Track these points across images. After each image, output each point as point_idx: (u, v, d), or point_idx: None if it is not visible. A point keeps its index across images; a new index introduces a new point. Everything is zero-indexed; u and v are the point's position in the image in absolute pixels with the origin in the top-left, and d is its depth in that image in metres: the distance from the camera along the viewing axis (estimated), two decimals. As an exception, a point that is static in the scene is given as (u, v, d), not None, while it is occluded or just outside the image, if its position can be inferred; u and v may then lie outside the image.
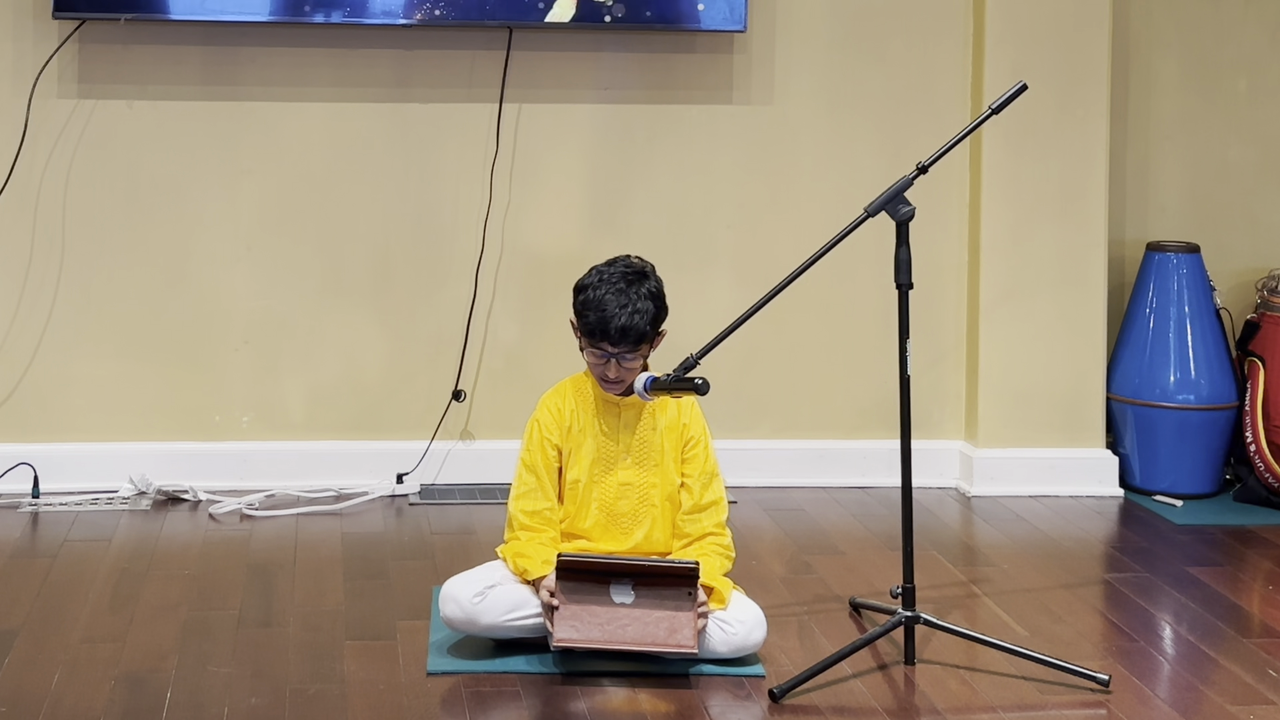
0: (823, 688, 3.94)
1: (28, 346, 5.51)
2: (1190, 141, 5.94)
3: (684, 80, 5.66)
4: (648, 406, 4.21)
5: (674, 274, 5.31)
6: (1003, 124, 5.05)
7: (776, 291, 4.09)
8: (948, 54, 5.71)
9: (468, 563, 4.35)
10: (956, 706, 3.87)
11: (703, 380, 3.91)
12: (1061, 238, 5.66)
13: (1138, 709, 3.87)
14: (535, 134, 5.60)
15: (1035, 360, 5.69)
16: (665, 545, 4.23)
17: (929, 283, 5.62)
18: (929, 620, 4.07)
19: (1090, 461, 5.69)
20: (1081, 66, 5.63)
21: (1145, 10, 5.89)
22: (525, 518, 4.20)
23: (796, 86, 5.69)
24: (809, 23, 5.67)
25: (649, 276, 4.18)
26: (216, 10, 5.30)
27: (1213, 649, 4.28)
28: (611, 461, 4.22)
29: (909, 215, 4.04)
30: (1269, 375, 5.64)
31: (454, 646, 4.15)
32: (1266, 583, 4.86)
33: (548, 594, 4.02)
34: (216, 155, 5.51)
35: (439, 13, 5.39)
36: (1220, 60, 5.93)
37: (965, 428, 5.80)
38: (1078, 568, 4.94)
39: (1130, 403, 5.70)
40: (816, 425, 5.77)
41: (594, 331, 4.11)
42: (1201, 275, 5.71)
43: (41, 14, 5.37)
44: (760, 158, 5.69)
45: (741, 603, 4.13)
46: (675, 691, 3.94)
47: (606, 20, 5.44)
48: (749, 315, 4.11)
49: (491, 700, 3.88)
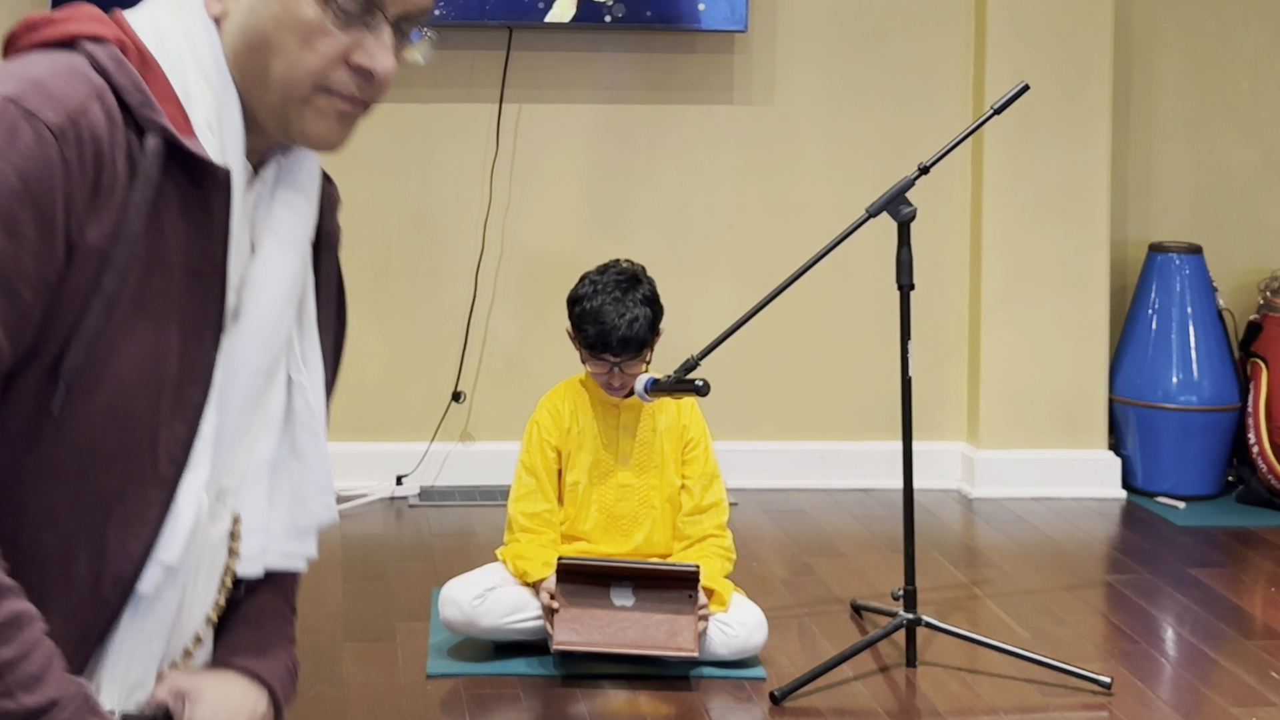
0: (824, 690, 3.93)
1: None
2: (1193, 142, 5.93)
3: (684, 80, 5.65)
4: (647, 408, 4.20)
5: (674, 274, 5.31)
6: (1004, 124, 5.04)
7: (777, 292, 4.08)
8: (949, 54, 5.70)
9: (468, 565, 4.34)
10: (958, 709, 3.86)
11: (703, 382, 3.90)
12: (1064, 238, 5.65)
13: (1139, 711, 3.86)
14: (535, 134, 5.59)
15: (1037, 361, 5.68)
16: (666, 547, 4.22)
17: (930, 284, 5.61)
18: (930, 622, 4.06)
19: (1092, 463, 5.68)
20: (1084, 67, 5.62)
21: (1147, 10, 5.88)
22: (525, 520, 4.19)
23: (797, 86, 5.67)
24: (810, 22, 5.66)
25: (642, 281, 4.17)
26: (216, 10, 5.30)
27: (1215, 651, 4.26)
28: (611, 464, 4.21)
29: (910, 216, 4.03)
30: (1271, 376, 5.63)
31: (454, 649, 4.14)
32: (1269, 584, 4.84)
33: (548, 596, 4.01)
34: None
35: (439, 13, 5.38)
36: (1223, 60, 5.92)
37: (967, 429, 5.79)
38: (1080, 569, 4.93)
39: (1132, 404, 5.69)
40: (817, 427, 5.76)
41: (595, 344, 4.10)
42: (1204, 276, 5.70)
43: (40, 14, 5.36)
44: (761, 158, 5.68)
45: (742, 605, 4.12)
46: (676, 694, 3.93)
47: (607, 20, 5.43)
48: (750, 316, 4.10)
49: (491, 703, 3.87)
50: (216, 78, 1.72)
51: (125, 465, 1.69)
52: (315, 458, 1.85)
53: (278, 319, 1.79)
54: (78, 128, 1.63)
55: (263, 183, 1.78)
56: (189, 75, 1.72)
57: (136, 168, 1.66)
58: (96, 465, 1.68)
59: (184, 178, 1.69)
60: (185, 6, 1.75)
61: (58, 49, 1.70)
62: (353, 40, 1.71)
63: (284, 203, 1.80)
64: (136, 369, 1.68)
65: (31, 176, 1.60)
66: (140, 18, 1.76)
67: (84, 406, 1.66)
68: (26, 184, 1.60)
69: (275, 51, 1.70)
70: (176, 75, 1.72)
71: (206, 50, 1.72)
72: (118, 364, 1.67)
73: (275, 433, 1.82)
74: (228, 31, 1.73)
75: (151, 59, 1.72)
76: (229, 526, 1.79)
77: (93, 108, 1.64)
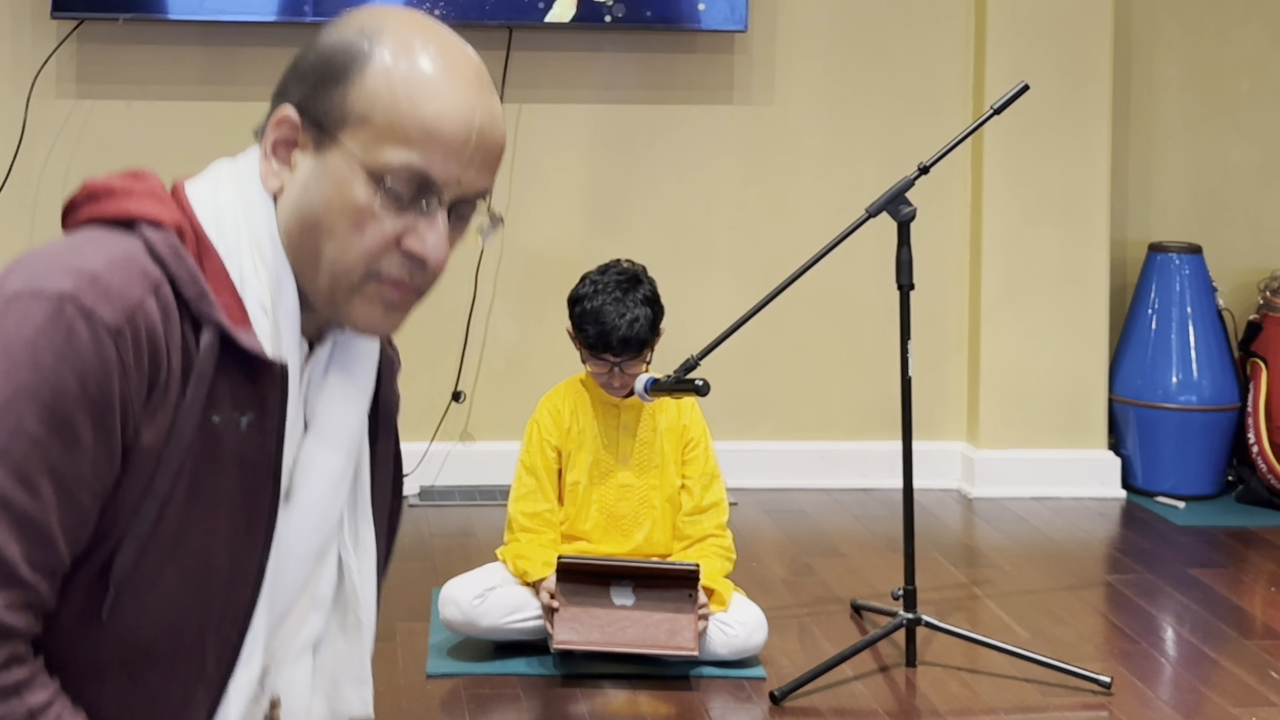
0: (824, 690, 3.93)
1: (26, 347, 5.50)
2: (1193, 142, 5.93)
3: (684, 80, 5.65)
4: (647, 408, 4.19)
5: (674, 274, 5.31)
6: (1004, 124, 5.03)
7: (777, 292, 4.08)
8: (949, 54, 5.70)
9: (467, 564, 4.34)
10: (958, 709, 3.86)
11: (703, 381, 3.89)
12: (1063, 238, 5.65)
13: (1139, 711, 3.86)
14: (535, 134, 5.59)
15: (1037, 361, 5.67)
16: (666, 547, 4.22)
17: (930, 283, 5.60)
18: (930, 622, 4.06)
19: (1092, 463, 5.68)
20: (1083, 66, 5.62)
21: (1147, 10, 5.88)
22: (525, 519, 4.19)
23: (797, 86, 5.67)
24: (810, 22, 5.66)
25: (642, 281, 4.17)
26: (215, 10, 5.29)
27: (1215, 651, 4.26)
28: (611, 464, 4.21)
29: (910, 216, 4.02)
30: (1271, 376, 5.63)
31: (454, 648, 4.14)
32: (1269, 584, 4.84)
33: (548, 596, 4.01)
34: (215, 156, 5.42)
35: (439, 13, 5.38)
36: (1222, 60, 5.92)
37: (967, 429, 5.79)
38: (1079, 569, 4.92)
39: (1132, 404, 5.69)
40: (817, 426, 5.76)
41: (595, 344, 4.10)
42: (1204, 276, 5.70)
43: (40, 14, 5.35)
44: (761, 158, 5.68)
45: (742, 604, 4.12)
46: (676, 693, 3.93)
47: (607, 20, 5.43)
48: (750, 316, 4.10)
49: (491, 702, 3.87)
50: (273, 258, 1.68)
51: (173, 667, 1.66)
52: (358, 642, 1.80)
53: (330, 501, 1.75)
54: (135, 326, 1.58)
55: (318, 359, 1.74)
56: (245, 257, 1.67)
57: (191, 362, 1.63)
58: (144, 666, 1.65)
59: (238, 371, 1.65)
60: (245, 180, 1.71)
61: (115, 227, 1.66)
62: (405, 224, 1.65)
63: (339, 380, 1.75)
64: (186, 571, 1.64)
65: (90, 380, 1.56)
66: (199, 190, 1.72)
67: (132, 609, 1.62)
68: (85, 388, 1.56)
69: (327, 234, 1.65)
70: (233, 258, 1.67)
71: (263, 230, 1.68)
72: (167, 567, 1.63)
73: (323, 613, 1.78)
74: (283, 208, 1.69)
75: (208, 243, 1.68)
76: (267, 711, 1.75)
77: (149, 303, 1.60)
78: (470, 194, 1.69)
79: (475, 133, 1.65)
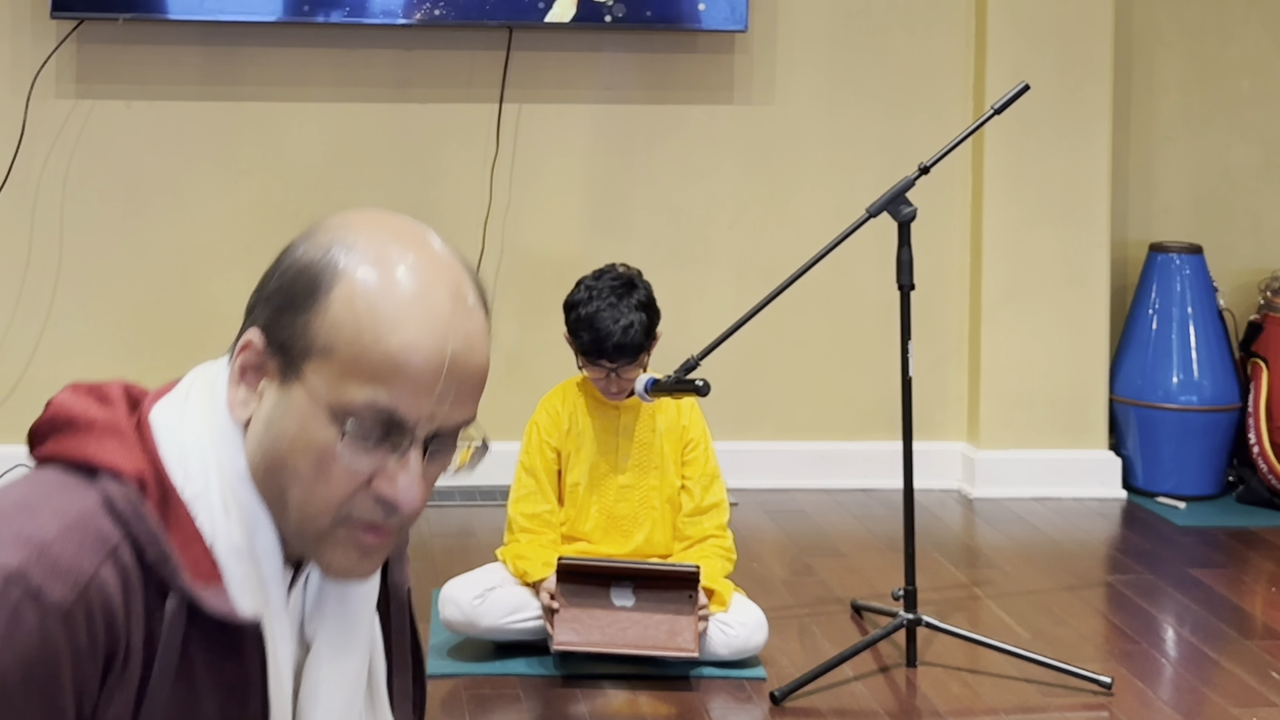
0: (824, 690, 3.93)
1: (26, 347, 5.50)
2: (1193, 142, 5.92)
3: (685, 80, 5.64)
4: (647, 408, 4.19)
5: (674, 274, 5.31)
6: (1005, 124, 5.03)
7: (778, 292, 4.08)
8: (949, 54, 5.70)
9: (467, 565, 4.33)
10: (958, 709, 3.86)
11: (703, 382, 3.89)
12: (1064, 238, 5.65)
13: (1140, 711, 3.86)
14: (535, 134, 5.59)
15: (1037, 361, 5.67)
16: (666, 548, 4.22)
17: (931, 284, 5.60)
18: (930, 622, 4.06)
19: (1092, 463, 5.68)
20: (1084, 66, 5.62)
21: (1148, 10, 5.88)
22: (525, 520, 4.18)
23: (797, 86, 5.67)
24: (810, 22, 5.66)
25: (637, 285, 4.16)
26: (215, 10, 5.29)
27: (1215, 651, 4.26)
28: (611, 464, 4.20)
29: (911, 216, 4.02)
30: (1272, 376, 5.62)
31: (454, 649, 4.14)
32: (1269, 585, 4.84)
33: (548, 597, 4.00)
34: (215, 156, 5.49)
35: (439, 13, 5.38)
36: (1223, 60, 5.91)
37: (967, 429, 5.78)
38: (1080, 570, 4.92)
39: (1133, 404, 5.68)
40: (818, 427, 5.75)
41: (590, 351, 4.09)
42: (1204, 276, 5.70)
43: (39, 13, 5.35)
44: (761, 158, 5.68)
45: (742, 605, 4.12)
46: (676, 694, 3.93)
47: (607, 20, 5.43)
48: (750, 316, 4.10)
49: (491, 703, 3.86)
50: (245, 496, 1.55)
51: None
52: None
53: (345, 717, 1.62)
54: (87, 604, 1.46)
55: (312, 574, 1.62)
56: (214, 499, 1.54)
57: (156, 629, 1.50)
58: None
59: (211, 634, 1.53)
60: (214, 408, 1.57)
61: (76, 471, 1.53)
62: (376, 464, 1.51)
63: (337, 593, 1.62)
64: None
65: (34, 668, 1.44)
66: (166, 421, 1.58)
67: None
68: (29, 677, 1.44)
69: (291, 476, 1.52)
70: (201, 502, 1.54)
71: (231, 468, 1.55)
72: None
73: None
74: (250, 441, 1.56)
75: (173, 491, 1.54)
76: None
77: (105, 573, 1.48)
78: (448, 428, 1.54)
79: (447, 364, 1.51)
